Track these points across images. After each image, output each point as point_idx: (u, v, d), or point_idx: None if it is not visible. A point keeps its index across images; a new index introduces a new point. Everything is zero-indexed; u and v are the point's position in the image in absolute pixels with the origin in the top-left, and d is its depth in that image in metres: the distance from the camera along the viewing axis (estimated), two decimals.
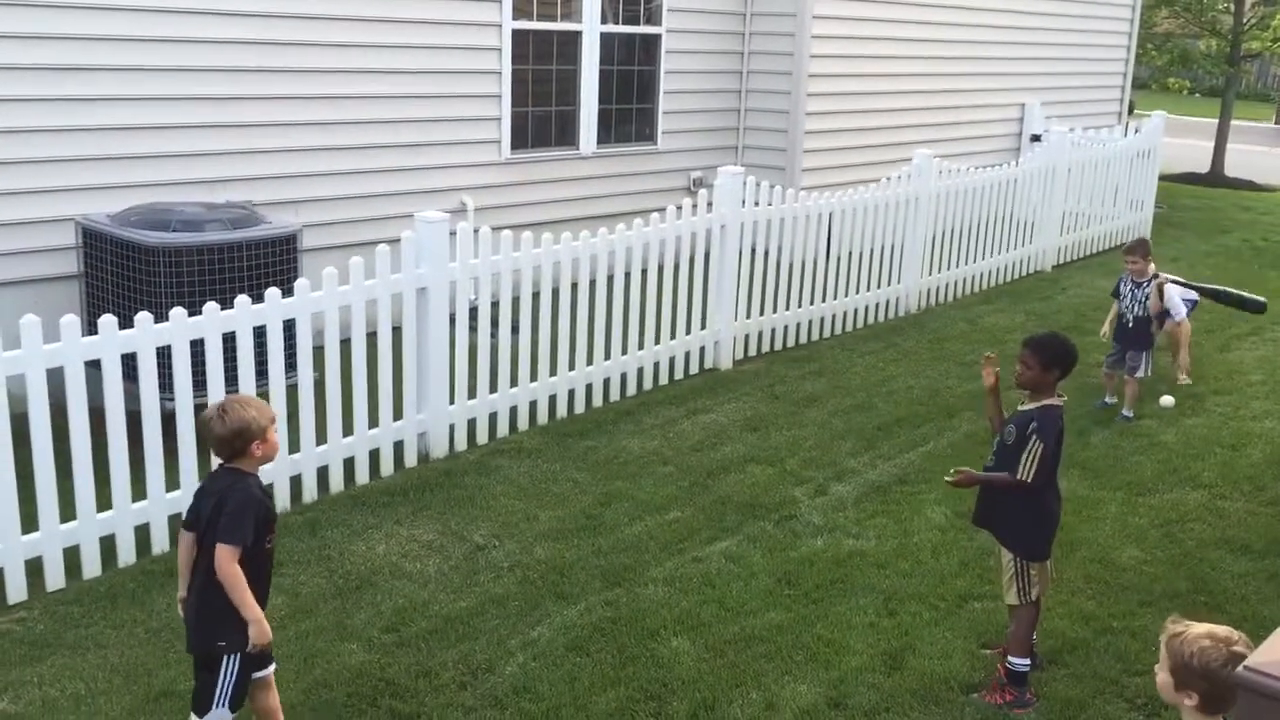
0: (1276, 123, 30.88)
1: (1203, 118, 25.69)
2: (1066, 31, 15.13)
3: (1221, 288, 8.08)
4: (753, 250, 8.85)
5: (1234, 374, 9.03)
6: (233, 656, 3.81)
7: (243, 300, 5.82)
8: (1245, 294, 7.84)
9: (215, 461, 4.03)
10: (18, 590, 5.15)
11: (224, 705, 3.83)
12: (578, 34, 10.57)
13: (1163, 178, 15.51)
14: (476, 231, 7.04)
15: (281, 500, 6.09)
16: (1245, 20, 19.89)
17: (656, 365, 8.25)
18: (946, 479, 4.76)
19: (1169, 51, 21.08)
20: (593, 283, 7.66)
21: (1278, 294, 11.77)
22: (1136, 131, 14.13)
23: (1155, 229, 14.27)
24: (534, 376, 7.41)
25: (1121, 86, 16.94)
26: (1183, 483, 6.92)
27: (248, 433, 3.81)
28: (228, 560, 3.71)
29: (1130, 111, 17.62)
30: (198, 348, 5.65)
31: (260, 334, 5.93)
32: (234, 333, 5.78)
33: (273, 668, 4.10)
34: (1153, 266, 8.15)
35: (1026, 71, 14.59)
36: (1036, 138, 14.17)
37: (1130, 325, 8.12)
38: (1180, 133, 22.48)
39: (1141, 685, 4.80)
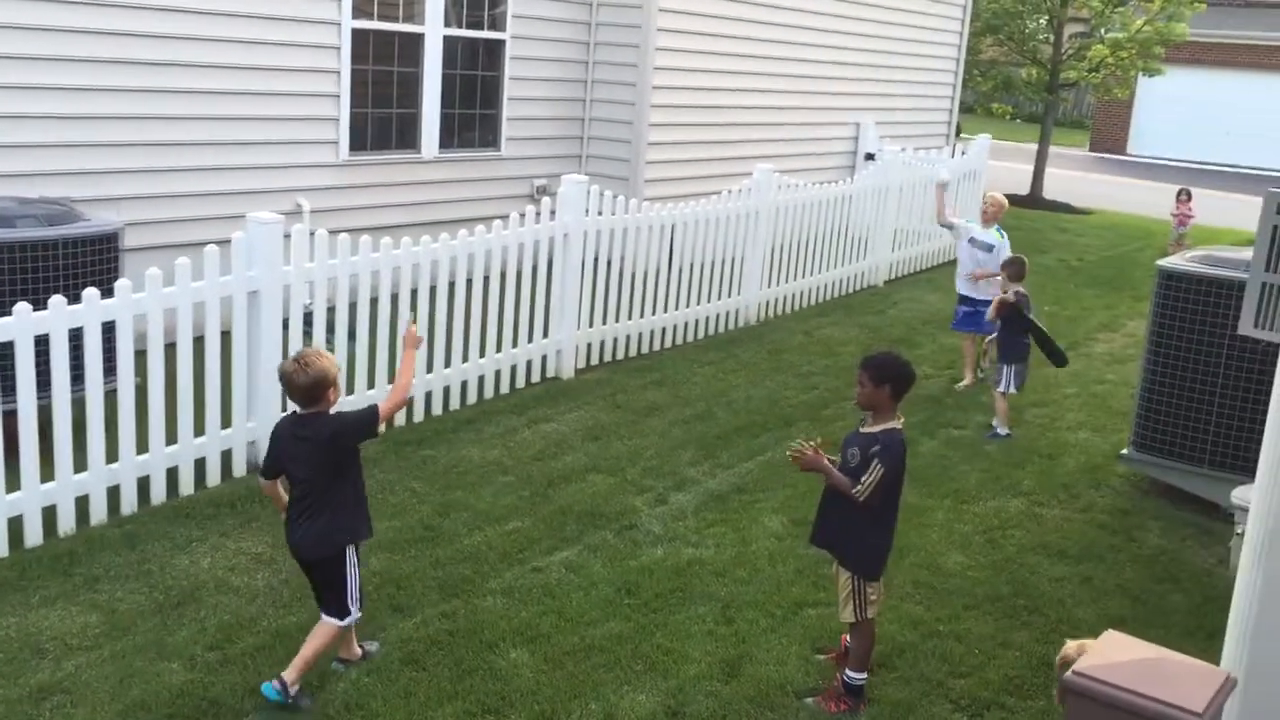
0: (1091, 150, 32.69)
1: (1024, 142, 26.98)
2: (899, 55, 15.69)
3: (1046, 334, 8.40)
4: (595, 260, 8.86)
5: (1050, 387, 9.48)
6: (351, 548, 4.53)
7: (57, 300, 5.51)
8: (1058, 347, 8.36)
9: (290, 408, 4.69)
10: None
11: (356, 602, 4.57)
12: (420, 36, 10.41)
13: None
14: (313, 234, 6.84)
15: (98, 513, 5.78)
16: (1064, 50, 21.00)
17: (498, 373, 8.17)
18: (792, 446, 4.70)
19: (993, 78, 22.11)
20: (433, 289, 7.53)
21: (1091, 311, 12.46)
22: (963, 154, 14.73)
23: None
24: (371, 384, 7.23)
25: (950, 110, 17.66)
26: (1004, 491, 7.22)
27: (325, 380, 4.46)
28: (389, 411, 4.68)
29: (957, 134, 18.38)
30: (7, 350, 5.32)
31: (77, 337, 5.62)
32: (48, 335, 5.46)
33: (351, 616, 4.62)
34: (1018, 286, 8.29)
35: (861, 92, 15.06)
36: (870, 156, 14.62)
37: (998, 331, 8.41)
38: (1003, 156, 23.55)
39: (966, 687, 4.98)
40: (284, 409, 6.69)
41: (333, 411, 4.58)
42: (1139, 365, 7.50)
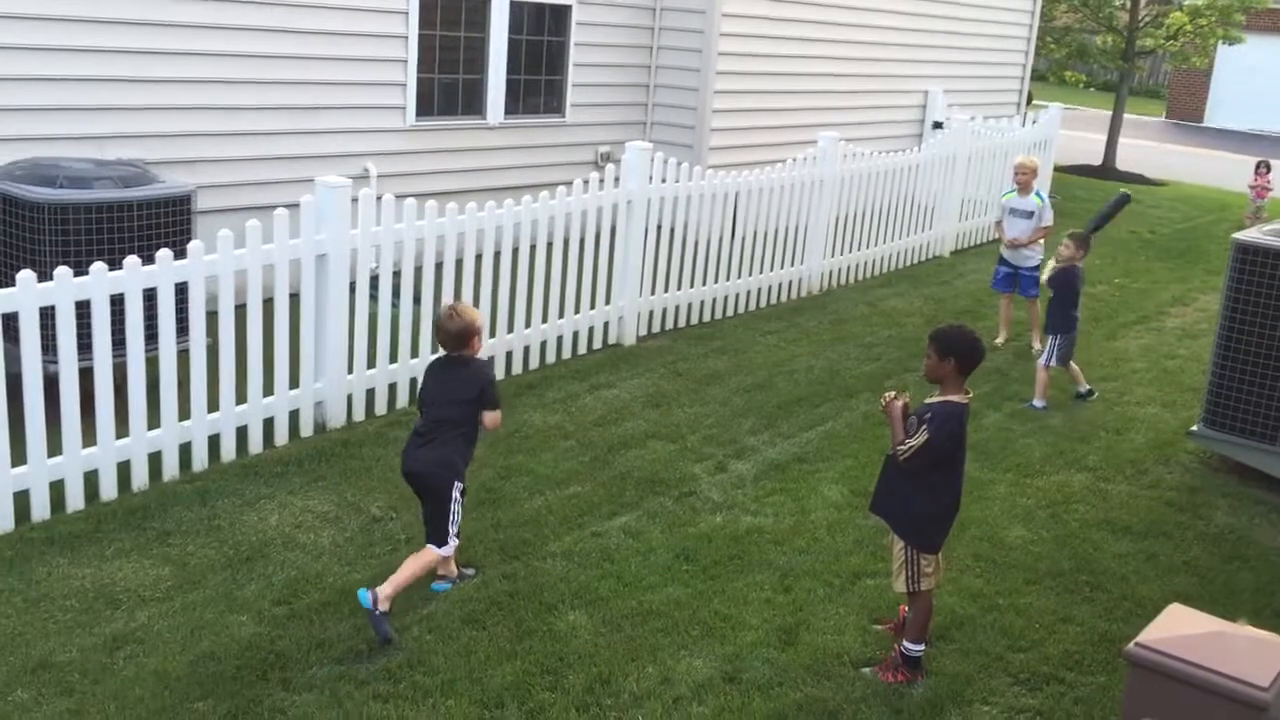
0: (1167, 118, 31.91)
1: (1097, 109, 26.42)
2: (970, 21, 15.40)
3: (1097, 220, 8.69)
4: (659, 227, 8.85)
5: (1120, 361, 9.33)
6: (459, 484, 5.00)
7: (132, 261, 5.63)
8: (1107, 207, 8.72)
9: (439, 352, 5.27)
10: None
11: (456, 532, 5.00)
12: (487, 1, 10.42)
13: (1057, 168, 15.93)
14: (379, 199, 6.91)
15: (170, 469, 5.93)
16: (1140, 18, 20.48)
17: (560, 339, 8.21)
18: (887, 395, 4.74)
19: (1067, 45, 21.61)
20: (497, 255, 7.58)
21: (1164, 285, 12.21)
22: (1034, 122, 14.47)
23: None
24: (435, 347, 7.31)
25: (1021, 78, 17.31)
26: (1069, 465, 7.13)
27: (472, 329, 5.06)
28: (498, 419, 5.16)
29: (1028, 102, 18.03)
30: (84, 310, 5.45)
31: (151, 297, 5.74)
32: (123, 295, 5.59)
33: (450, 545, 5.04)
34: (1079, 256, 8.23)
35: (930, 59, 14.82)
36: (939, 125, 14.41)
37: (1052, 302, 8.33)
38: (1075, 125, 23.09)
39: (1025, 661, 4.95)
40: (349, 371, 6.81)
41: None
42: (1211, 340, 7.35)
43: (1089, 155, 20.75)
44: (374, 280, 6.96)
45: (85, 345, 5.50)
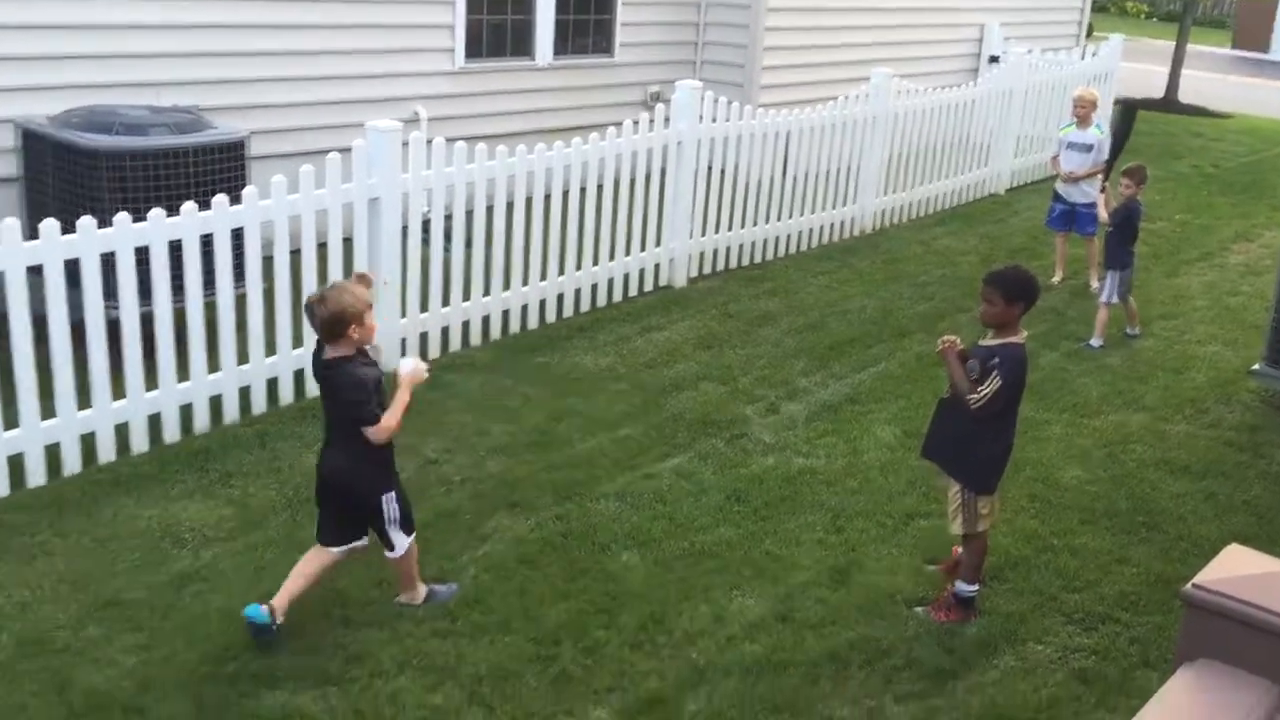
0: (1233, 48, 30.99)
1: (1160, 40, 25.71)
2: None
3: (1116, 144, 8.83)
4: (709, 168, 8.78)
5: (1180, 299, 9.17)
6: (389, 497, 4.44)
7: (189, 207, 5.70)
8: (1117, 127, 8.85)
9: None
10: None
11: (397, 527, 4.46)
12: None
13: (1117, 102, 15.54)
14: (430, 142, 6.91)
15: (230, 412, 6.03)
16: None
17: (611, 282, 8.21)
18: (944, 340, 4.67)
19: None
20: (548, 197, 7.57)
21: (1226, 220, 11.94)
22: (1094, 55, 14.11)
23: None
24: (487, 291, 7.35)
25: (1080, 9, 16.85)
26: (1127, 405, 7.04)
27: (342, 317, 4.22)
28: (379, 434, 4.29)
29: (1088, 34, 17.58)
30: (143, 255, 5.54)
31: (207, 242, 5.81)
32: (180, 240, 5.66)
33: (399, 547, 4.54)
34: (1137, 190, 8.09)
35: None
36: (995, 59, 14.10)
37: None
38: (1137, 57, 22.49)
39: (1080, 601, 4.93)
40: (403, 315, 6.87)
41: (371, 346, 4.43)
42: (1275, 277, 7.19)
43: (1151, 88, 20.21)
44: (425, 224, 6.99)
45: (144, 291, 5.59)
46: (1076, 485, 5.97)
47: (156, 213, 5.58)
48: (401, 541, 4.49)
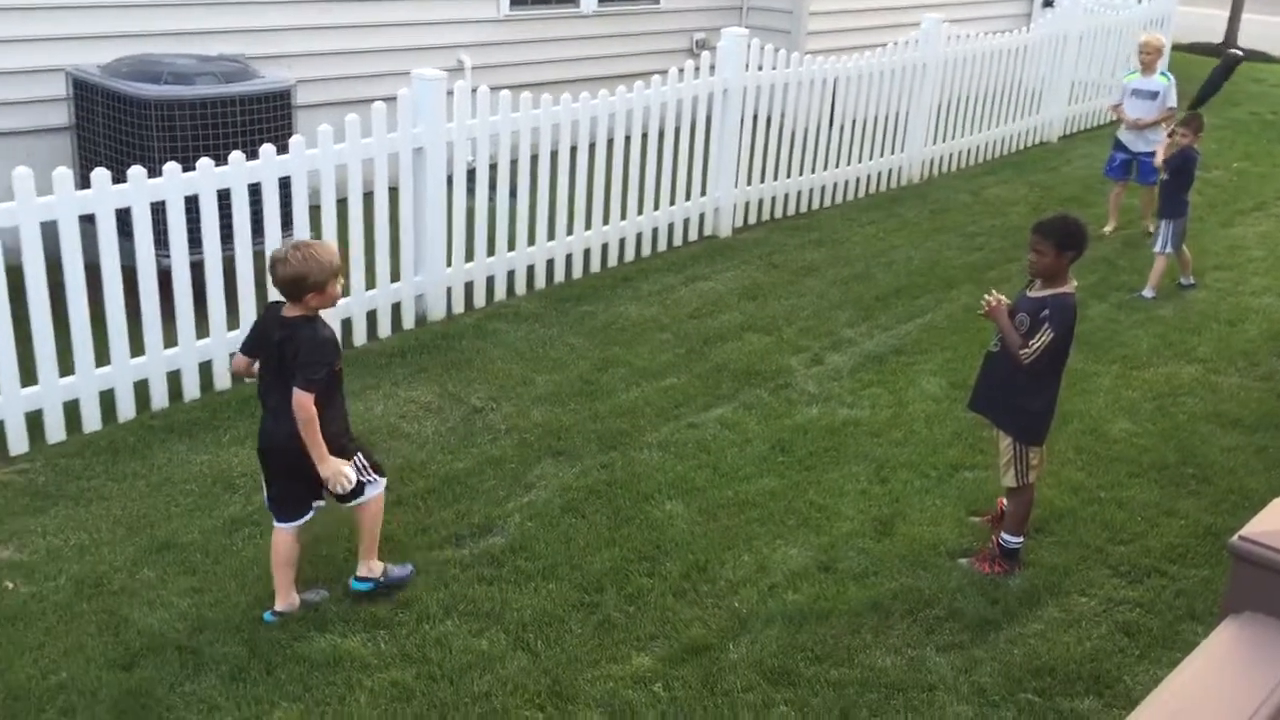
0: None
1: None
2: None
3: (1207, 88, 8.56)
4: (755, 116, 8.69)
5: (1235, 249, 8.99)
6: (355, 458, 4.20)
7: (237, 157, 5.74)
8: (1215, 73, 8.50)
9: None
10: (19, 442, 5.20)
11: (370, 475, 4.26)
12: None
13: (1175, 47, 15.16)
14: (474, 91, 6.90)
15: None
16: None
17: (655, 231, 8.19)
18: (985, 298, 4.61)
19: None
20: (592, 146, 7.54)
21: None
22: None
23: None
24: (532, 240, 7.36)
25: None
26: (1178, 357, 6.95)
27: (305, 281, 4.01)
28: (303, 405, 3.99)
29: None
30: (192, 204, 5.59)
31: (255, 191, 5.85)
32: (229, 189, 5.71)
33: (369, 493, 4.33)
34: (1195, 139, 7.92)
35: None
36: (1049, 3, 13.80)
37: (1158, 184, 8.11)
38: (1194, 1, 21.91)
39: (1126, 554, 4.90)
40: (448, 264, 6.89)
41: (329, 315, 4.16)
42: None
43: (1209, 33, 19.69)
44: (470, 174, 6.99)
45: (193, 240, 5.65)
46: (1125, 438, 5.91)
47: (205, 162, 5.62)
48: (371, 488, 4.28)
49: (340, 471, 4.10)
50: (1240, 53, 8.99)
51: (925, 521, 5.07)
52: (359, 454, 4.27)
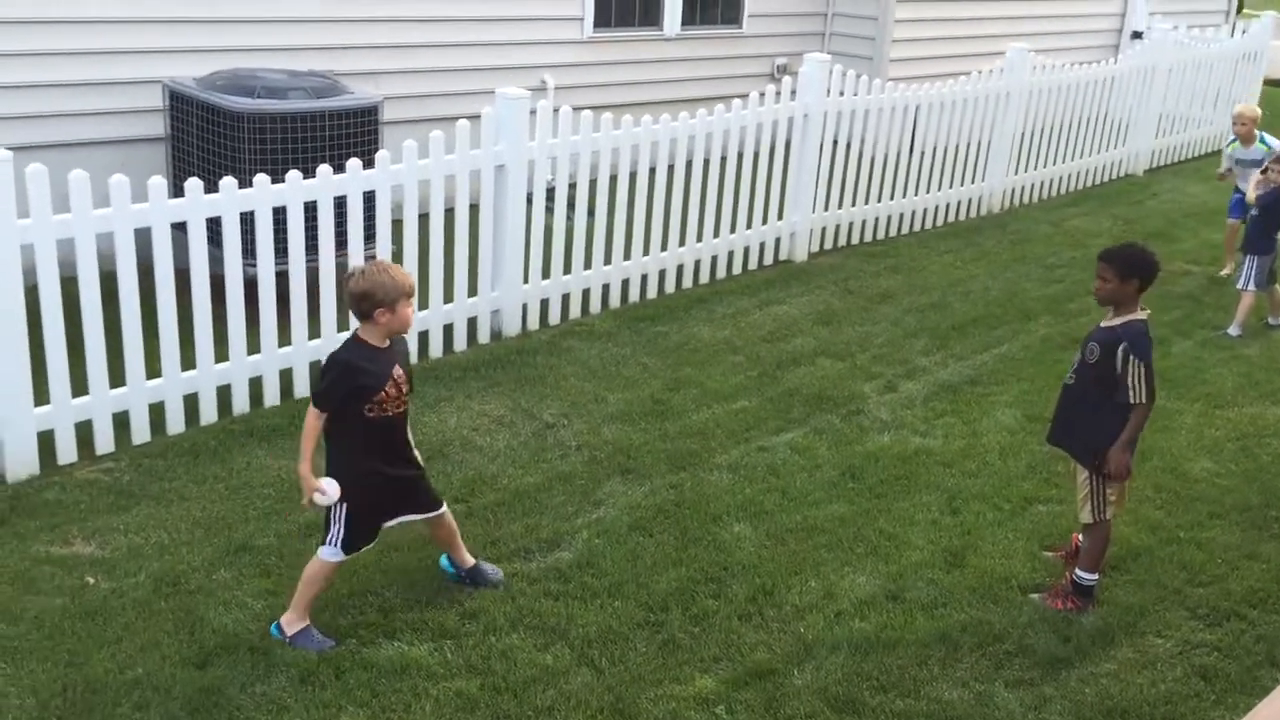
0: None
1: None
2: None
3: None
4: (835, 142, 8.68)
5: None
6: (337, 506, 4.09)
7: (324, 170, 5.86)
8: None
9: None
10: (105, 442, 5.34)
11: (335, 544, 4.14)
12: None
13: (1268, 82, 14.83)
14: (556, 110, 6.98)
15: None
16: None
17: (731, 254, 8.20)
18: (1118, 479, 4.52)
19: None
20: (671, 168, 7.58)
21: None
22: (1244, 33, 13.50)
23: None
24: (608, 260, 7.41)
25: None
26: (1264, 397, 6.78)
27: (373, 298, 3.97)
28: (307, 418, 4.08)
29: (1239, 11, 16.80)
30: (279, 215, 5.72)
31: (340, 204, 5.98)
32: (315, 202, 5.84)
33: (435, 513, 4.37)
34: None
35: None
36: (1138, 35, 13.61)
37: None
38: None
39: (1204, 596, 4.79)
40: (525, 281, 6.97)
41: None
42: None
43: None
44: (550, 192, 7.06)
45: (280, 250, 5.78)
46: (1206, 477, 5.78)
47: (293, 175, 5.75)
48: (327, 552, 4.14)
49: (314, 485, 3.99)
50: None
51: (997, 554, 4.99)
52: (345, 506, 4.08)
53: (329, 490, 4.03)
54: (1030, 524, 5.25)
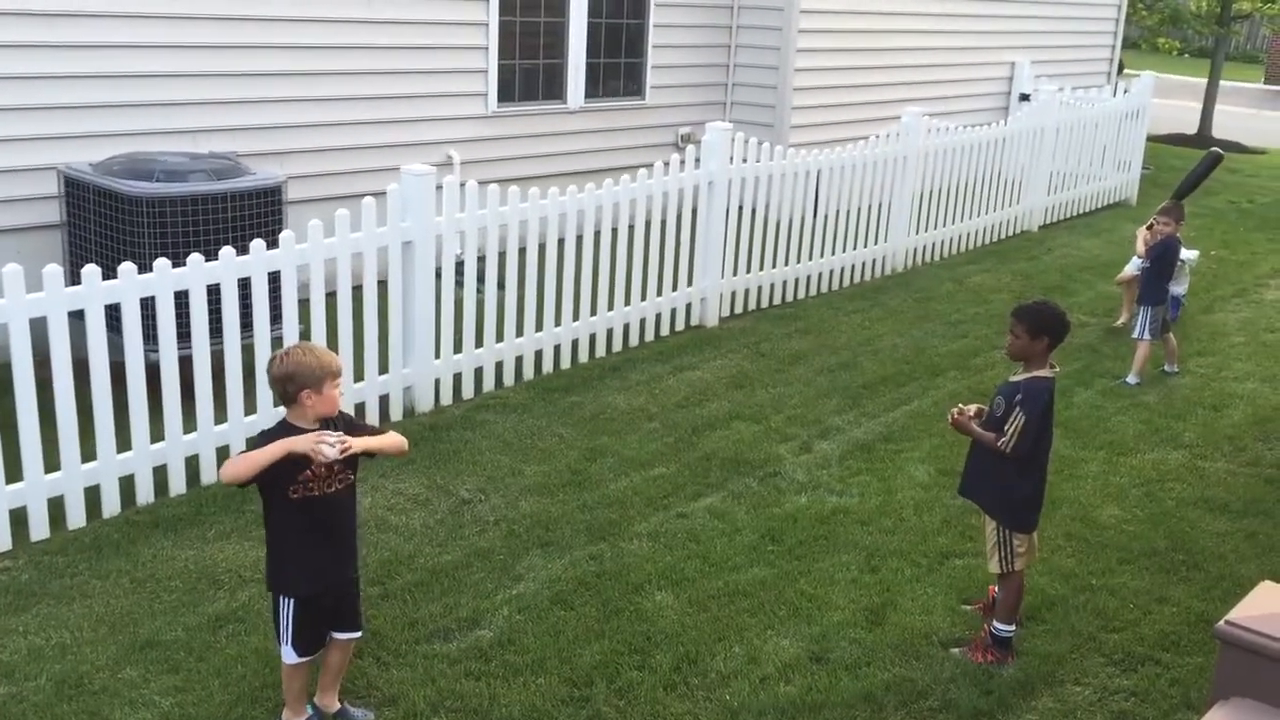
0: (1265, 84, 30.79)
1: (1192, 77, 25.60)
2: None
3: (1189, 182, 8.97)
4: (740, 207, 8.82)
5: (1217, 335, 9.08)
6: (285, 599, 3.93)
7: (227, 252, 5.78)
8: (1198, 168, 8.95)
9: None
10: (2, 540, 5.14)
11: (287, 644, 3.97)
12: None
13: (1150, 138, 15.49)
14: (463, 185, 7.00)
15: None
16: None
17: (643, 322, 8.24)
18: (953, 412, 4.71)
19: (1159, 11, 20.97)
20: (580, 238, 7.63)
21: (1262, 256, 11.84)
22: (1125, 92, 14.10)
23: (1142, 190, 14.26)
24: (520, 332, 7.40)
25: (1111, 46, 16.85)
26: (1164, 443, 6.97)
27: (297, 380, 3.79)
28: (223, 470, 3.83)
29: (1120, 71, 17.56)
30: (182, 299, 5.62)
31: (245, 286, 5.89)
32: (219, 284, 5.75)
33: (352, 635, 4.15)
34: (1176, 228, 8.02)
35: (1016, 30, 14.50)
36: (1025, 97, 14.11)
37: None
38: (1169, 93, 22.42)
39: (1119, 642, 4.87)
40: (436, 356, 6.92)
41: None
42: None
43: (1183, 124, 20.13)
44: (459, 266, 7.06)
45: (182, 334, 5.67)
46: (1114, 524, 5.91)
47: (195, 258, 5.67)
48: (284, 653, 3.99)
49: (306, 442, 3.72)
50: (1221, 152, 9.35)
51: (917, 610, 5.03)
52: (291, 615, 3.93)
53: (329, 438, 3.71)
54: (948, 578, 5.30)
